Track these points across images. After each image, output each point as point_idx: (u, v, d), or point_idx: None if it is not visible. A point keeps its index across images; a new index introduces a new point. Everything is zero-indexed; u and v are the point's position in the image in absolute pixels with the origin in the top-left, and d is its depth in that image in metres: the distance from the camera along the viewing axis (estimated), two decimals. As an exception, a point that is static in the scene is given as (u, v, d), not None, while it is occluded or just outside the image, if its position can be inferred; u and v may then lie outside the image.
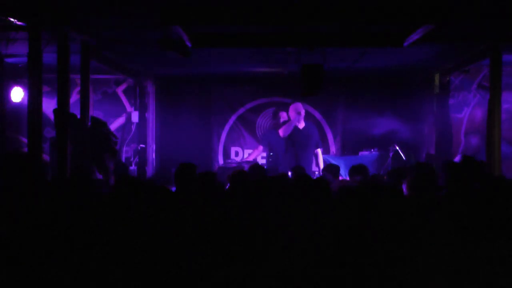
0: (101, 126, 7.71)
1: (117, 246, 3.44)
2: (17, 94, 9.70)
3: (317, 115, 11.60)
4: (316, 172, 9.22)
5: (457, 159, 5.72)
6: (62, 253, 3.41)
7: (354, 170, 6.35)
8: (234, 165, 9.78)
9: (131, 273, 3.35)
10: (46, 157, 9.53)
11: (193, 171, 5.44)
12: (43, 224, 3.65)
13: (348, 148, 10.70)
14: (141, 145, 11.12)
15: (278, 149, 9.51)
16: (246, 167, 8.45)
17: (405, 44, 6.89)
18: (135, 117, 11.18)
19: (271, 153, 9.79)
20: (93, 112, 9.91)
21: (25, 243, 3.48)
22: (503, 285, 3.18)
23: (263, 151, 10.03)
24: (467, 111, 10.85)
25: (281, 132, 9.09)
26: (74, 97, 9.80)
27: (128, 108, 11.52)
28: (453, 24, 6.19)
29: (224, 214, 3.71)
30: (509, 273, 3.19)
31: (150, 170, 11.27)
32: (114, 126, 11.30)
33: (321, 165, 8.86)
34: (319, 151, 9.16)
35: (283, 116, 9.68)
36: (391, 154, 9.87)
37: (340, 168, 7.94)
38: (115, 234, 3.52)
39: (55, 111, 6.68)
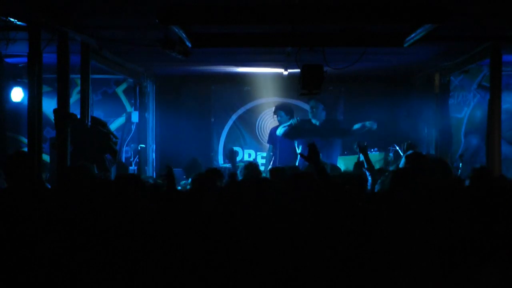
0: (101, 126, 7.71)
1: (118, 246, 3.44)
2: (17, 94, 9.70)
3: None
4: None
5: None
6: (63, 253, 3.41)
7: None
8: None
9: (132, 273, 3.35)
10: (46, 157, 9.52)
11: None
12: (43, 224, 3.65)
13: (348, 148, 10.68)
14: (141, 145, 11.11)
15: (282, 147, 9.60)
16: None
17: (405, 44, 6.88)
18: (135, 117, 11.17)
19: (271, 153, 9.86)
20: (93, 112, 9.91)
21: (26, 243, 3.48)
22: None
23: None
24: (467, 111, 10.85)
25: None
26: (74, 97, 9.79)
27: (128, 108, 11.52)
28: (453, 24, 6.18)
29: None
30: None
31: (150, 170, 11.26)
32: (114, 126, 11.30)
33: None
34: None
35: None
36: (391, 154, 9.87)
37: (340, 167, 7.95)
38: (116, 234, 3.52)
39: (55, 111, 6.68)
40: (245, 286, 3.32)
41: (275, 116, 10.08)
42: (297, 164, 9.12)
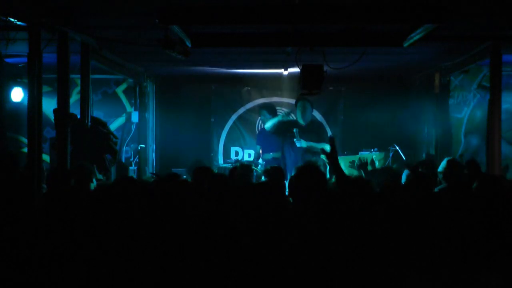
0: (101, 126, 7.71)
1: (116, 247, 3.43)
2: (17, 94, 9.70)
3: (317, 115, 11.61)
4: None
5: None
6: (61, 254, 3.41)
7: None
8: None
9: (131, 273, 3.34)
10: (46, 157, 9.52)
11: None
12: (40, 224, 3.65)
13: (348, 148, 10.69)
14: (141, 145, 11.12)
15: (268, 148, 9.71)
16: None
17: (405, 44, 6.88)
18: (135, 117, 11.18)
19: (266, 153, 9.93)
20: (93, 112, 9.91)
21: (23, 244, 3.48)
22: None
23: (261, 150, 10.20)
24: (467, 111, 10.84)
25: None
26: (74, 97, 9.79)
27: (128, 108, 11.52)
28: (453, 24, 6.18)
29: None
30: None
31: (150, 170, 11.26)
32: (114, 126, 11.30)
33: None
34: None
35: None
36: (391, 154, 9.88)
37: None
38: (114, 234, 3.52)
39: (55, 111, 6.68)
40: (245, 286, 3.32)
41: (259, 116, 10.26)
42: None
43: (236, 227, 3.55)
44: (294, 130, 9.19)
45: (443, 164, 5.85)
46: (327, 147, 8.94)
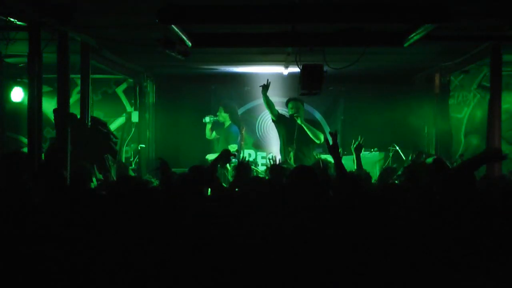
0: (101, 126, 7.71)
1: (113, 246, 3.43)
2: (17, 94, 9.69)
3: (317, 115, 11.61)
4: None
5: None
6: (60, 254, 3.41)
7: None
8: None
9: (128, 272, 3.34)
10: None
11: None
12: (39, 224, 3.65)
13: (348, 148, 10.69)
14: (141, 145, 11.12)
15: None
16: None
17: (405, 44, 6.88)
18: (135, 117, 11.18)
19: None
20: (93, 112, 9.91)
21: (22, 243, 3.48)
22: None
23: None
24: (467, 111, 10.84)
25: None
26: (74, 97, 9.79)
27: (128, 108, 11.52)
28: (453, 24, 6.18)
29: None
30: None
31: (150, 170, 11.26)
32: (114, 126, 11.30)
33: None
34: None
35: None
36: (391, 154, 9.87)
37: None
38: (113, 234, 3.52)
39: (55, 111, 6.68)
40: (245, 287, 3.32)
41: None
42: None
43: (237, 227, 3.55)
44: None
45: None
46: (322, 137, 8.80)
